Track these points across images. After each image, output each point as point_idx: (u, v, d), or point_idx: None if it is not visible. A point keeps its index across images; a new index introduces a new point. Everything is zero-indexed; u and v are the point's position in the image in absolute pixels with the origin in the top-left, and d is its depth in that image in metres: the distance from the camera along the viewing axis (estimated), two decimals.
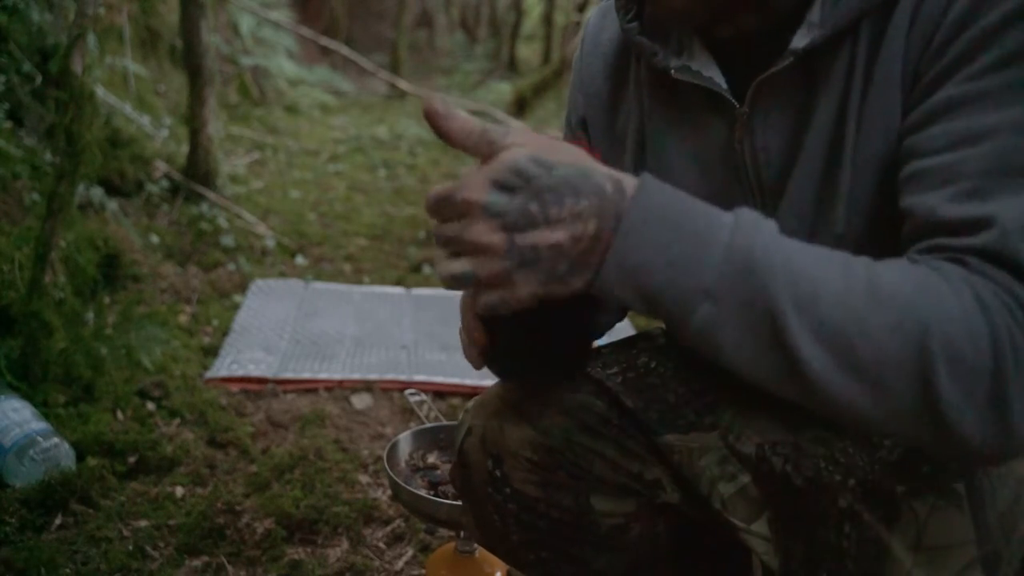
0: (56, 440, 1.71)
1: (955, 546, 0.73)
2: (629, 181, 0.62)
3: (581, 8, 8.96)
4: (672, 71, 0.81)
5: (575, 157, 0.62)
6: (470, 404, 0.99)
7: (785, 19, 0.75)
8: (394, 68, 9.21)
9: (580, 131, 0.98)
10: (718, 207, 0.79)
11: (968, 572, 0.72)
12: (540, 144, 0.62)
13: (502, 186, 0.60)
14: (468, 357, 0.87)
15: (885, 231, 0.72)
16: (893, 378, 0.57)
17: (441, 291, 3.08)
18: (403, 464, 1.44)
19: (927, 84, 0.68)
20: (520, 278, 0.61)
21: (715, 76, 0.80)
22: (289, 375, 2.33)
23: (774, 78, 0.76)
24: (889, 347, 0.57)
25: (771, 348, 0.59)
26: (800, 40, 0.73)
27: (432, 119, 0.63)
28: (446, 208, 0.62)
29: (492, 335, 0.83)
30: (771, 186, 0.80)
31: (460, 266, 0.62)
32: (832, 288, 0.59)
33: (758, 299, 0.59)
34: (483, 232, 0.60)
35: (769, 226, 0.62)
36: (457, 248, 0.62)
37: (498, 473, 0.92)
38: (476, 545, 1.38)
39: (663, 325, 1.06)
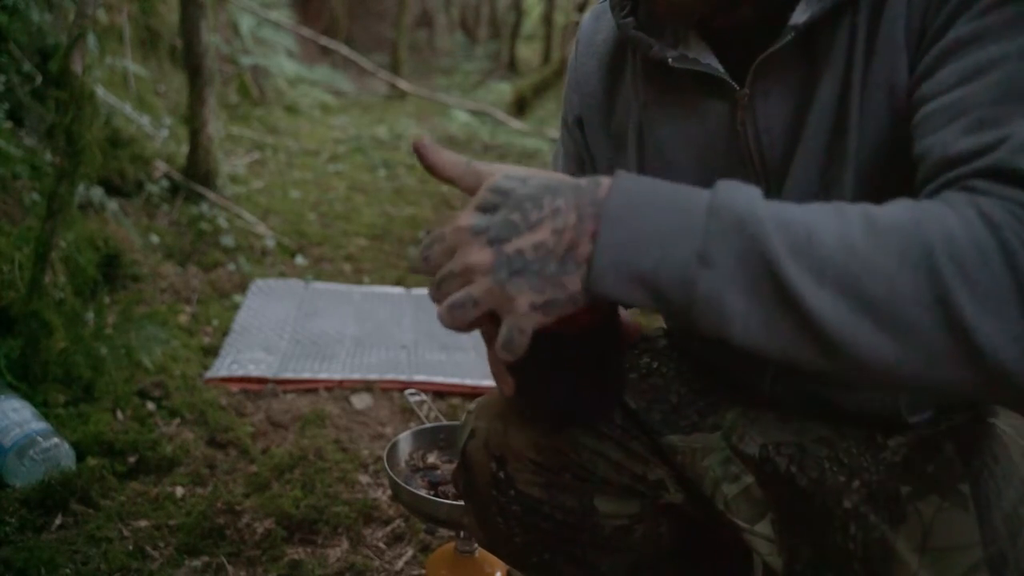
0: (56, 440, 1.71)
1: (961, 547, 0.72)
2: (603, 177, 0.63)
3: (581, 8, 8.97)
4: (670, 60, 0.80)
5: (551, 173, 0.65)
6: (473, 406, 0.99)
7: (780, 4, 0.75)
8: (394, 68, 9.21)
9: (576, 130, 0.99)
10: None
11: (974, 573, 0.72)
12: (517, 168, 0.65)
13: (484, 208, 0.63)
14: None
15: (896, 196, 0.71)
16: (911, 310, 0.53)
17: None
18: (403, 464, 1.44)
19: (933, 36, 0.68)
20: (514, 289, 0.60)
21: (712, 63, 0.80)
22: (289, 375, 2.32)
23: (774, 57, 0.75)
24: (898, 277, 0.53)
25: (779, 306, 0.55)
26: (800, 15, 0.73)
27: (421, 154, 0.66)
28: (438, 250, 0.64)
29: (519, 383, 0.81)
30: (775, 166, 0.80)
31: (456, 294, 0.62)
32: (827, 228, 0.56)
33: (752, 251, 0.55)
34: (471, 253, 0.61)
35: (750, 188, 0.60)
36: (452, 282, 0.63)
37: (502, 475, 0.92)
38: (476, 545, 1.38)
39: (665, 325, 1.06)
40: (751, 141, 0.80)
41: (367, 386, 2.30)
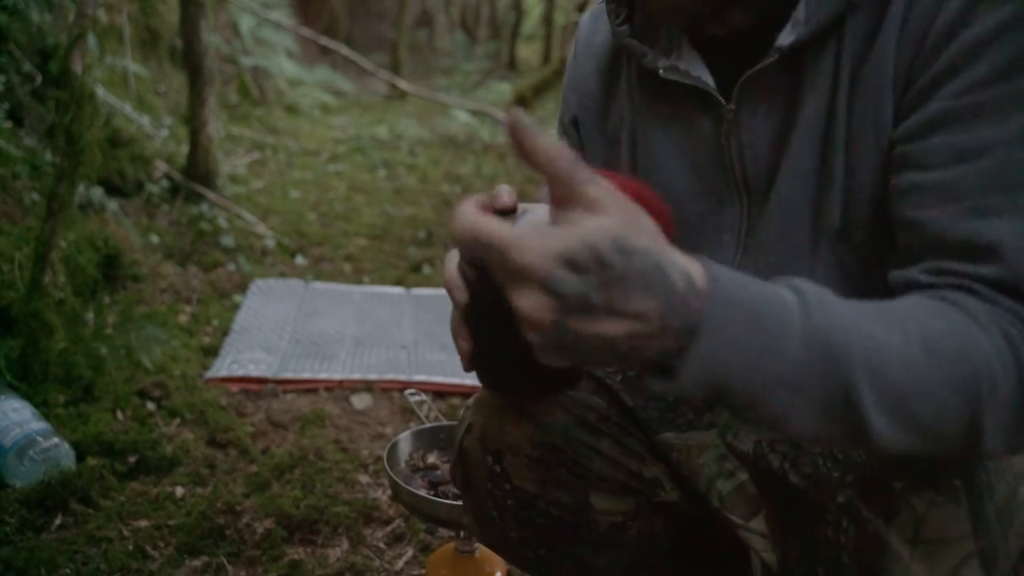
0: (56, 440, 1.71)
1: (953, 540, 0.73)
2: (698, 273, 0.56)
3: (581, 8, 8.96)
4: (661, 71, 0.82)
5: (653, 241, 0.55)
6: (470, 401, 1.00)
7: (774, 16, 0.76)
8: (394, 68, 9.21)
9: (572, 130, 0.99)
10: (708, 204, 0.80)
11: (965, 565, 0.72)
12: (625, 215, 0.55)
13: (573, 265, 0.52)
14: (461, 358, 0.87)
15: (884, 228, 0.73)
16: (949, 427, 0.61)
17: (441, 291, 3.08)
18: (403, 464, 1.44)
19: (921, 91, 0.69)
20: (550, 352, 0.56)
21: (703, 75, 0.81)
22: (289, 375, 2.33)
23: (760, 75, 0.77)
24: (948, 401, 0.60)
25: (841, 420, 0.59)
26: (785, 38, 0.74)
27: (516, 134, 0.55)
28: (493, 258, 0.54)
29: (479, 340, 0.81)
30: (758, 183, 0.81)
31: None
32: (895, 353, 0.60)
33: (834, 378, 0.58)
34: (534, 305, 0.53)
35: (832, 299, 0.60)
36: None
37: (498, 469, 0.93)
38: (476, 545, 1.38)
39: None
40: (735, 155, 0.81)
41: (367, 386, 2.30)
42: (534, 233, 0.53)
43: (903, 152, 0.70)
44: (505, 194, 0.68)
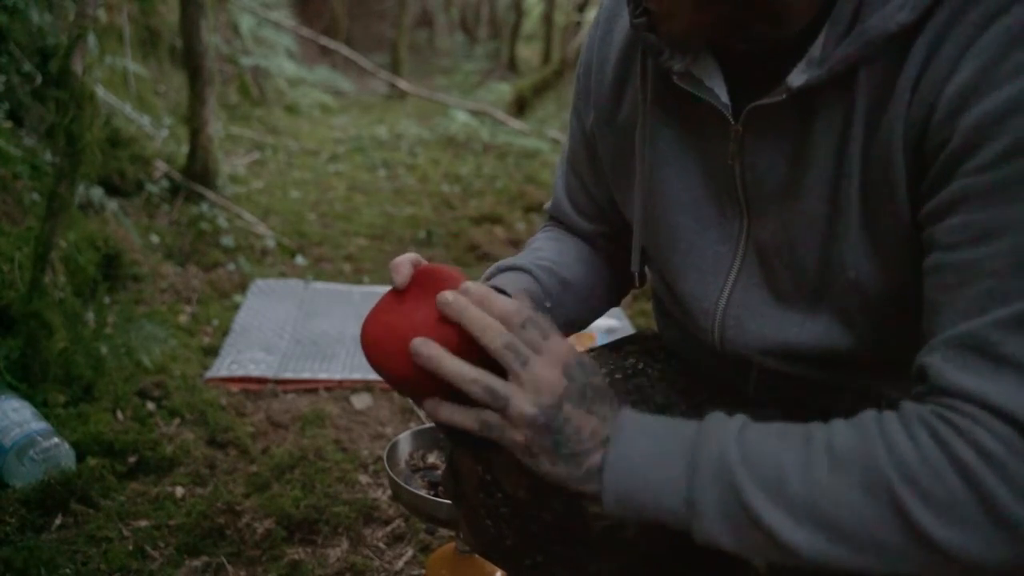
0: (56, 440, 1.71)
1: None
2: (613, 413, 0.71)
3: (581, 8, 8.98)
4: (674, 77, 0.79)
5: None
6: None
7: (796, 38, 0.73)
8: (394, 68, 9.21)
9: (582, 119, 0.96)
10: (712, 213, 0.81)
11: None
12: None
13: (580, 364, 0.71)
14: None
15: (905, 283, 0.71)
16: (880, 534, 0.61)
17: None
18: (403, 464, 1.44)
19: (940, 168, 0.66)
20: (536, 446, 0.69)
21: (716, 87, 0.78)
22: (289, 375, 2.33)
23: (769, 107, 0.74)
24: (862, 507, 0.61)
25: (764, 543, 0.64)
26: (797, 77, 0.71)
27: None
28: (527, 335, 0.69)
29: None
30: (757, 204, 0.80)
31: (491, 419, 0.69)
32: (794, 465, 0.63)
33: (731, 499, 0.64)
34: (550, 369, 0.69)
35: (732, 424, 0.67)
36: (512, 362, 0.68)
37: (488, 478, 0.92)
38: None
39: (656, 327, 1.06)
40: (737, 175, 0.80)
41: (367, 386, 2.30)
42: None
43: (929, 233, 0.67)
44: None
